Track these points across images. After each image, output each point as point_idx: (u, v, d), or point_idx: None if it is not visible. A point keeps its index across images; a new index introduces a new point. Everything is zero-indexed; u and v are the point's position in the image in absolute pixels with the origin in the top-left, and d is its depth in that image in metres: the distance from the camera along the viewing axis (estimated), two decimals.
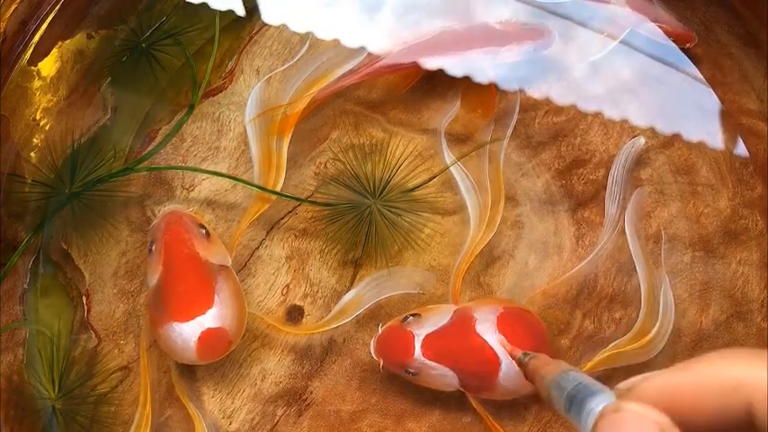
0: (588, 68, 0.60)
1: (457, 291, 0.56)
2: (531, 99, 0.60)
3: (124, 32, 0.61)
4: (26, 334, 0.57)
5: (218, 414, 0.56)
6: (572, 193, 0.59)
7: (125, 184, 0.58)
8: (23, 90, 0.59)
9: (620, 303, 0.57)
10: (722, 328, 0.57)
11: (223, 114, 0.60)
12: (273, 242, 0.58)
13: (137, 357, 0.57)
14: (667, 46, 0.60)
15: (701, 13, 0.62)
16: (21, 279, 0.57)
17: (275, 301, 0.58)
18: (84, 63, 0.60)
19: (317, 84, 0.58)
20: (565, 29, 0.60)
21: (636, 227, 0.57)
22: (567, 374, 0.36)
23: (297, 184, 0.59)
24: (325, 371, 0.57)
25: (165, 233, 0.54)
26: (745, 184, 0.59)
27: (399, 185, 0.59)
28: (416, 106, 0.60)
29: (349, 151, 0.59)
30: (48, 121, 0.59)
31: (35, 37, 0.59)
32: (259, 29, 0.61)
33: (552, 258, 0.58)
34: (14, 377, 0.56)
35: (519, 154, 0.60)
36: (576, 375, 0.35)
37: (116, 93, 0.60)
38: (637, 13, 0.60)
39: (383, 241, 0.58)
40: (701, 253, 0.58)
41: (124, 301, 0.57)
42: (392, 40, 0.59)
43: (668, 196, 0.59)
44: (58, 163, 0.58)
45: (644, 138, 0.59)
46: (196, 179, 0.59)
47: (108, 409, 0.56)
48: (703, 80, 0.60)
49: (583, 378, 0.34)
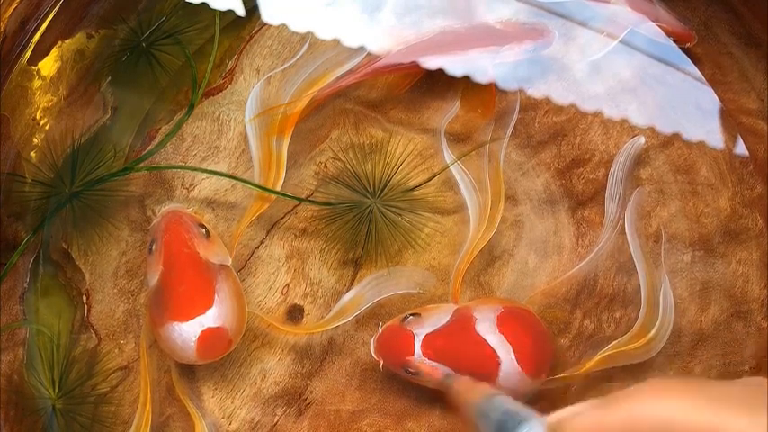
0: (588, 68, 0.60)
1: (457, 290, 0.56)
2: (531, 99, 0.60)
3: (124, 32, 0.61)
4: (26, 334, 0.57)
5: (218, 414, 0.56)
6: (572, 193, 0.59)
7: (125, 183, 0.58)
8: (23, 90, 0.59)
9: (620, 303, 0.57)
10: (722, 327, 0.58)
11: (223, 114, 0.60)
12: (273, 242, 0.58)
13: (137, 357, 0.57)
14: (667, 46, 0.60)
15: (700, 13, 0.62)
16: (21, 279, 0.57)
17: (275, 301, 0.58)
18: (84, 63, 0.60)
19: (316, 83, 0.58)
20: (565, 29, 0.60)
21: (636, 226, 0.57)
22: (492, 401, 0.35)
23: (297, 183, 0.59)
24: (325, 370, 0.57)
25: (165, 233, 0.54)
26: (745, 183, 0.59)
27: (399, 185, 0.59)
28: (416, 106, 0.60)
29: (349, 151, 0.59)
30: (48, 120, 0.59)
31: (35, 37, 0.59)
32: (259, 29, 0.61)
33: (552, 258, 0.58)
34: (14, 377, 0.56)
35: (519, 153, 0.60)
36: (502, 401, 0.34)
37: (116, 92, 0.60)
38: (637, 12, 0.60)
39: (383, 241, 0.58)
40: (701, 252, 0.58)
41: (124, 301, 0.57)
42: (392, 39, 0.59)
43: (668, 196, 0.59)
44: (58, 163, 0.58)
45: (644, 137, 0.59)
46: (196, 179, 0.59)
47: (108, 409, 0.56)
48: (703, 80, 0.60)
49: (509, 404, 0.34)
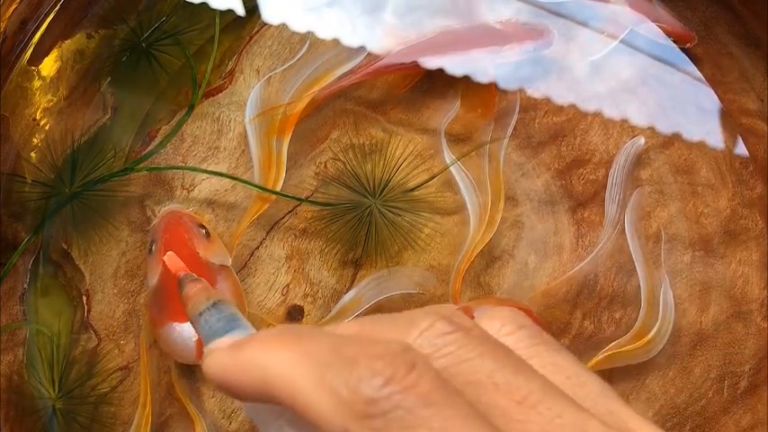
0: (588, 68, 0.60)
1: (457, 291, 0.56)
2: (531, 99, 0.60)
3: (124, 32, 0.61)
4: (26, 334, 0.57)
5: (218, 414, 0.56)
6: (572, 193, 0.59)
7: (125, 183, 0.58)
8: (23, 90, 0.59)
9: (620, 303, 0.57)
10: (722, 327, 0.58)
11: (223, 114, 0.60)
12: (273, 242, 0.58)
13: (137, 357, 0.57)
14: (667, 46, 0.60)
15: (700, 13, 0.62)
16: (21, 279, 0.57)
17: (275, 301, 0.58)
18: (84, 63, 0.60)
19: (317, 84, 0.58)
20: (565, 29, 0.60)
21: (636, 227, 0.57)
22: (215, 307, 0.33)
23: (297, 183, 0.59)
24: None
25: (165, 233, 0.54)
26: (745, 184, 0.59)
27: (399, 185, 0.59)
28: (416, 106, 0.60)
29: (349, 151, 0.59)
30: (48, 121, 0.59)
31: (35, 37, 0.59)
32: (259, 29, 0.61)
33: (552, 258, 0.58)
34: (14, 377, 0.56)
35: (519, 154, 0.60)
36: (223, 307, 0.33)
37: (116, 93, 0.60)
38: (637, 12, 0.60)
39: (383, 241, 0.58)
40: (701, 253, 0.58)
41: (124, 301, 0.57)
42: (393, 39, 0.59)
43: (668, 196, 0.59)
44: (58, 163, 0.58)
45: (644, 138, 0.59)
46: (196, 179, 0.59)
47: (108, 409, 0.56)
48: (703, 80, 0.60)
49: (230, 311, 0.32)
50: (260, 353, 0.27)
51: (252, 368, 0.27)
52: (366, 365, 0.24)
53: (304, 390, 0.24)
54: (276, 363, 0.26)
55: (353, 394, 0.23)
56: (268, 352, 0.26)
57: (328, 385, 0.24)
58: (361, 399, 0.23)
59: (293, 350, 0.26)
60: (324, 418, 0.24)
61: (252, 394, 0.27)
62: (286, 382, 0.25)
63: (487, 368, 0.25)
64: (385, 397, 0.23)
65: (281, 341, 0.27)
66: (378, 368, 0.23)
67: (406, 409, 0.23)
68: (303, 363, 0.25)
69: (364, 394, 0.23)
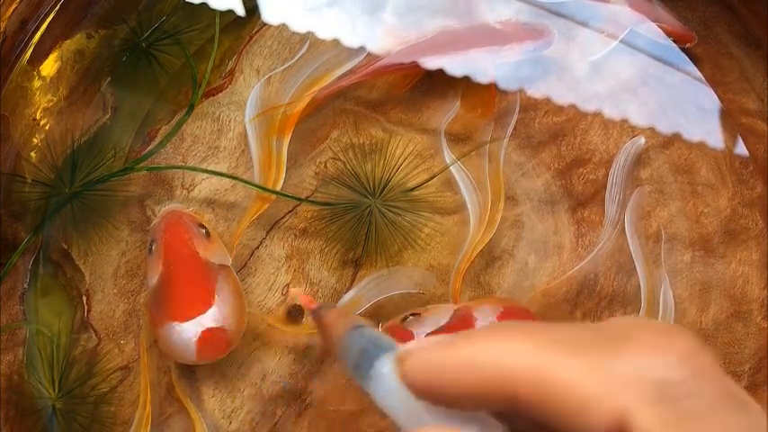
0: (588, 68, 0.60)
1: (457, 290, 0.56)
2: (531, 99, 0.60)
3: (124, 32, 0.61)
4: (26, 334, 0.57)
5: (218, 414, 0.56)
6: (572, 193, 0.59)
7: (125, 183, 0.58)
8: (23, 90, 0.59)
9: (620, 303, 0.57)
10: (722, 327, 0.58)
11: (223, 114, 0.60)
12: (273, 242, 0.58)
13: (137, 357, 0.57)
14: (667, 46, 0.60)
15: (700, 13, 0.62)
16: (21, 279, 0.57)
17: (275, 301, 0.58)
18: (84, 63, 0.60)
19: (317, 84, 0.58)
20: (565, 29, 0.60)
21: (636, 226, 0.57)
22: (356, 332, 0.32)
23: (297, 183, 0.59)
24: (325, 371, 0.57)
25: (165, 233, 0.54)
26: (745, 183, 0.59)
27: (399, 185, 0.59)
28: (416, 106, 0.60)
29: (349, 151, 0.59)
30: (48, 121, 0.59)
31: (35, 37, 0.59)
32: (259, 29, 0.61)
33: (552, 258, 0.58)
34: (14, 377, 0.56)
35: (519, 154, 0.60)
36: (365, 331, 0.31)
37: (116, 93, 0.60)
38: (637, 12, 0.60)
39: (383, 241, 0.58)
40: (701, 252, 0.58)
41: (124, 301, 0.57)
42: (393, 39, 0.59)
43: (668, 196, 0.59)
44: (58, 163, 0.58)
45: (644, 138, 0.59)
46: (196, 179, 0.59)
47: (108, 409, 0.56)
48: (703, 80, 0.60)
49: (372, 333, 0.31)
50: (492, 346, 0.26)
51: (477, 364, 0.26)
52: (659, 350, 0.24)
53: (568, 375, 0.24)
54: (518, 352, 0.25)
55: (645, 378, 0.23)
56: (504, 344, 0.25)
57: (602, 368, 0.23)
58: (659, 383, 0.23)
59: (536, 339, 0.25)
60: (595, 402, 0.23)
61: (467, 394, 0.26)
62: (537, 369, 0.24)
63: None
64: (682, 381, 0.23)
65: (514, 333, 0.26)
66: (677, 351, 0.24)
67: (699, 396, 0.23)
68: (557, 349, 0.24)
69: (663, 377, 0.23)
